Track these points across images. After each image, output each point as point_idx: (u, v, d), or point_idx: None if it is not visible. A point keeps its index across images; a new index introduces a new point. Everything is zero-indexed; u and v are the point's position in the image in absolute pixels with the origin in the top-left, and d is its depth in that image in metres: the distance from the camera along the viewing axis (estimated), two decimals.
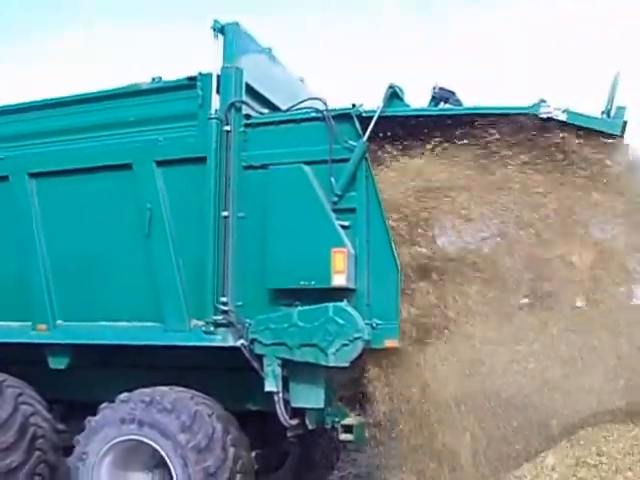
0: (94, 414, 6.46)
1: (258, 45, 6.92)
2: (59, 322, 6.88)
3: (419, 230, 6.17)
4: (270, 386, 6.03)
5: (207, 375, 6.74)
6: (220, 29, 6.37)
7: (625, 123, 5.77)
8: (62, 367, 6.88)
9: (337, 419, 6.30)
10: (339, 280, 5.89)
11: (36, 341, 6.90)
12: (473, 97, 6.30)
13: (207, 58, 6.44)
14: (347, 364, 5.85)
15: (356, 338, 5.77)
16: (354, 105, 6.10)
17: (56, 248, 6.90)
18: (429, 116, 6.10)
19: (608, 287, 6.00)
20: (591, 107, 5.91)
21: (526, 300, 6.23)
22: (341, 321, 5.80)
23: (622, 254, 6.03)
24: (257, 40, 6.87)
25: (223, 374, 6.75)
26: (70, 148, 6.87)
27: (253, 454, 6.59)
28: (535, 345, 6.15)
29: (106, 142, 6.74)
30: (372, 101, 6.14)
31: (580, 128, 5.77)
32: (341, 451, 8.48)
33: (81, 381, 7.13)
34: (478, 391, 6.23)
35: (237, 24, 6.47)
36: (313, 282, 5.95)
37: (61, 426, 7.33)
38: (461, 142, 5.97)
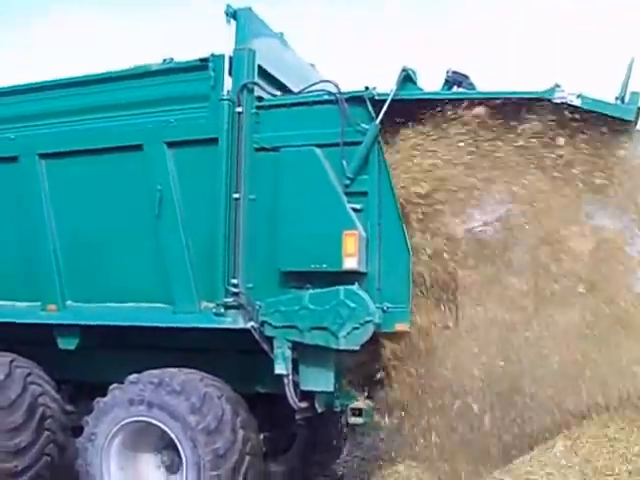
0: (103, 395, 6.47)
1: (270, 30, 6.88)
2: (69, 303, 6.89)
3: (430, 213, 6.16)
4: (280, 369, 6.02)
5: (216, 357, 6.74)
6: (233, 14, 6.33)
7: (639, 109, 5.74)
8: (71, 348, 6.88)
9: (346, 402, 6.29)
10: (350, 263, 5.88)
11: (46, 321, 6.89)
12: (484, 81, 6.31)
13: (219, 43, 6.40)
14: (357, 347, 5.84)
15: (367, 321, 5.76)
16: (367, 88, 6.05)
17: (66, 229, 6.88)
18: (442, 100, 6.06)
19: (610, 275, 6.00)
20: (603, 93, 5.90)
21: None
22: (352, 304, 5.79)
23: (623, 241, 6.02)
24: (269, 26, 6.83)
25: (232, 356, 6.76)
26: (80, 129, 6.84)
27: (261, 436, 6.59)
28: (539, 331, 6.18)
29: (117, 123, 6.69)
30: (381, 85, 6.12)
31: (593, 113, 5.74)
32: (348, 434, 8.48)
33: (90, 362, 7.13)
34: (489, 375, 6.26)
35: (250, 9, 6.44)
36: (324, 265, 5.93)
37: (69, 407, 7.35)
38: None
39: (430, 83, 6.31)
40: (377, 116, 5.97)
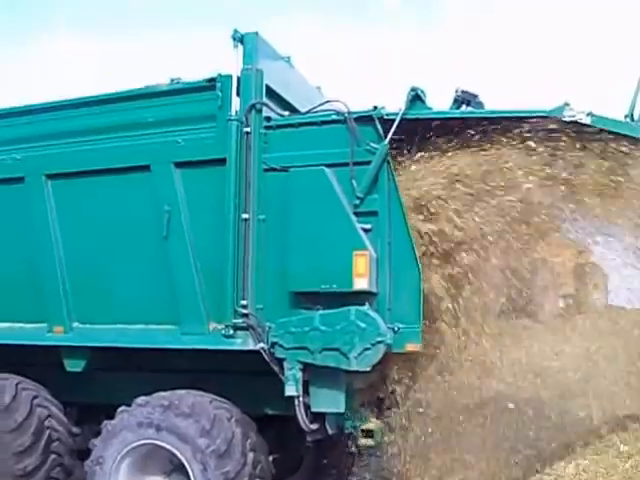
0: (109, 417, 6.42)
1: (277, 53, 6.90)
2: (76, 324, 6.84)
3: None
4: (291, 390, 5.96)
5: (225, 379, 6.69)
6: (240, 39, 6.33)
7: None
8: (78, 370, 6.83)
9: (357, 424, 6.24)
10: (361, 284, 5.84)
11: (53, 343, 6.85)
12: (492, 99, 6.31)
13: (226, 67, 6.42)
14: (369, 368, 5.79)
15: (378, 342, 5.71)
16: (375, 107, 6.05)
17: (73, 250, 6.85)
18: (451, 119, 6.06)
19: (589, 290, 6.03)
20: (610, 108, 5.91)
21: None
22: (363, 325, 5.75)
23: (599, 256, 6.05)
24: (276, 49, 6.84)
25: (241, 378, 6.69)
26: (88, 149, 6.81)
27: (270, 459, 6.54)
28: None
29: (124, 143, 6.68)
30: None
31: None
32: (356, 456, 8.40)
33: (97, 384, 7.09)
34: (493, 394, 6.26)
35: (256, 34, 6.43)
36: (334, 285, 5.89)
37: (75, 429, 7.28)
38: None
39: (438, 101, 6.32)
40: (386, 135, 5.96)
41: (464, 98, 6.12)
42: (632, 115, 5.89)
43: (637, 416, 6.25)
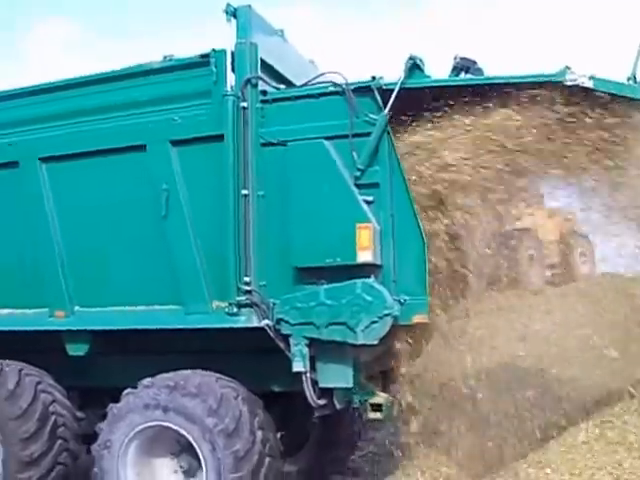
0: (112, 400, 6.37)
1: (270, 27, 6.79)
2: (77, 308, 6.77)
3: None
4: (298, 366, 5.92)
5: (229, 357, 6.62)
6: (233, 12, 6.22)
7: None
8: (81, 354, 6.76)
9: (365, 398, 6.21)
10: (365, 256, 5.78)
11: (55, 328, 6.77)
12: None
13: (220, 41, 6.32)
14: (376, 342, 5.74)
15: (385, 315, 5.65)
16: (374, 77, 5.95)
17: (71, 233, 6.76)
18: (450, 86, 5.97)
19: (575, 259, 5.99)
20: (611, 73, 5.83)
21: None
22: (369, 298, 5.69)
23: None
24: (269, 22, 6.73)
25: (245, 356, 6.65)
26: (81, 130, 6.71)
27: (278, 436, 6.51)
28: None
29: (118, 123, 6.58)
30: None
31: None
32: (362, 430, 8.39)
33: (100, 367, 7.03)
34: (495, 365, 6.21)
35: (249, 7, 6.32)
36: (338, 259, 5.83)
37: (79, 413, 7.22)
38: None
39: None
40: (385, 106, 5.87)
41: (463, 65, 6.04)
42: (635, 77, 5.84)
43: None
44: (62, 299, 6.77)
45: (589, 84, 5.61)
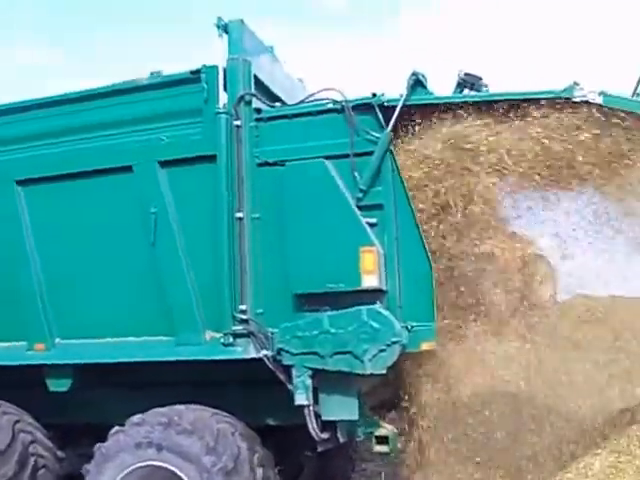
0: (96, 438, 5.94)
1: (262, 44, 6.53)
2: (58, 340, 6.34)
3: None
4: (301, 399, 5.58)
5: (222, 390, 6.30)
6: (224, 27, 5.94)
7: None
8: (64, 389, 6.33)
9: (370, 430, 5.91)
10: (370, 281, 5.49)
11: (34, 362, 6.33)
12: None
13: (211, 57, 6.05)
14: (384, 371, 5.45)
15: (394, 342, 5.36)
16: (374, 94, 5.71)
17: (51, 261, 6.36)
18: (454, 103, 5.75)
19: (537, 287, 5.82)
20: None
21: None
22: (376, 325, 5.40)
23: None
24: (260, 39, 6.46)
25: (239, 388, 6.33)
26: (63, 151, 6.32)
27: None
28: None
29: (103, 143, 6.22)
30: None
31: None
32: (356, 462, 8.10)
33: (83, 403, 6.61)
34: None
35: (242, 21, 6.05)
36: (341, 284, 5.53)
37: (60, 453, 6.79)
38: None
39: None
40: (387, 123, 5.63)
41: (467, 81, 5.81)
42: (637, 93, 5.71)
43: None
44: (42, 331, 6.35)
45: (599, 100, 5.42)
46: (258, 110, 5.98)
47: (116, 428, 5.84)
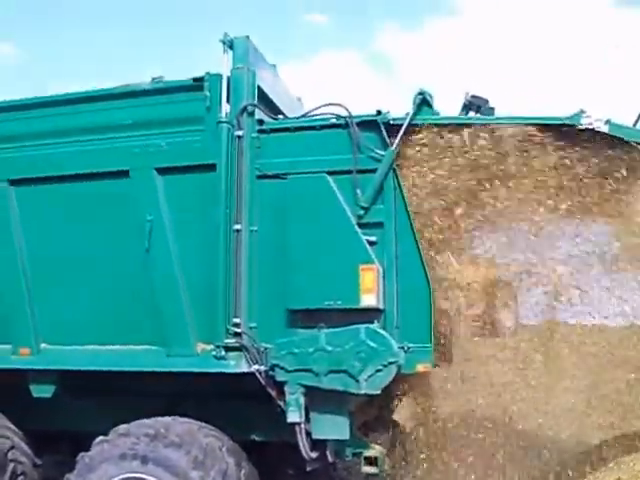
0: (75, 445, 5.85)
1: (266, 61, 6.48)
2: (44, 345, 6.19)
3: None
4: (294, 417, 5.49)
5: (207, 403, 6.20)
6: (230, 43, 5.89)
7: None
8: (47, 396, 6.18)
9: (359, 450, 5.84)
10: (369, 300, 5.43)
11: (18, 367, 6.17)
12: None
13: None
14: (379, 391, 5.39)
15: (391, 363, 5.30)
16: (379, 112, 5.67)
17: (40, 264, 6.20)
18: (460, 125, 5.72)
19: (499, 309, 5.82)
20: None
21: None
22: (374, 344, 5.33)
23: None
24: (264, 56, 6.41)
25: (225, 401, 6.22)
26: (58, 152, 6.18)
27: None
28: None
29: (99, 146, 6.08)
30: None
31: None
32: None
33: (65, 410, 6.47)
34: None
35: (247, 37, 5.99)
36: (339, 302, 5.46)
37: (37, 460, 6.62)
38: None
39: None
40: (391, 141, 5.59)
41: (474, 103, 5.79)
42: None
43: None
44: (27, 335, 6.19)
45: (604, 129, 5.42)
46: (260, 121, 5.92)
47: (100, 438, 5.69)
